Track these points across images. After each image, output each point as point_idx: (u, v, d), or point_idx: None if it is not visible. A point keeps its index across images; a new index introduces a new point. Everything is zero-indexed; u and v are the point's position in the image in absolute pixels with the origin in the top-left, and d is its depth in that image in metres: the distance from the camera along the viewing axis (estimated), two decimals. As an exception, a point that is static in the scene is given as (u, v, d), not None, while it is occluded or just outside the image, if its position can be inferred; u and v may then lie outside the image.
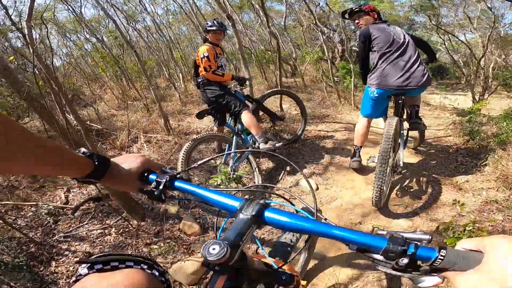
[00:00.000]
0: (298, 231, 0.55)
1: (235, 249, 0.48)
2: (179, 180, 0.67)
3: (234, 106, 2.67)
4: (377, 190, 2.01)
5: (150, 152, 3.07)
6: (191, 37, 10.74)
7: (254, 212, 0.54)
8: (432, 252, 0.42)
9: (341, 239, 0.49)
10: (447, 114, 4.70)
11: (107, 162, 0.66)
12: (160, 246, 2.03)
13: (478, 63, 4.82)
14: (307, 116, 3.56)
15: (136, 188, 0.70)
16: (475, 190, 2.33)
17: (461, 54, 8.86)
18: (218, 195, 0.62)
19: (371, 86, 2.38)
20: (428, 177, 2.61)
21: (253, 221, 0.54)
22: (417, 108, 2.48)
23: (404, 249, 0.43)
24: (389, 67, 2.27)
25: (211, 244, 0.46)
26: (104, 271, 0.54)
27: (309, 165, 3.00)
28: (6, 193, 2.38)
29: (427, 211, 2.19)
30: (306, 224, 0.53)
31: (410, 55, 2.24)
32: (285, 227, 0.54)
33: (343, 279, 1.69)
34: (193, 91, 5.73)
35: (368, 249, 0.48)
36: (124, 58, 6.86)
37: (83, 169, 0.62)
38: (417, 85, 2.20)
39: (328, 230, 0.51)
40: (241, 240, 0.50)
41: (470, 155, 2.89)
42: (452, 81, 9.03)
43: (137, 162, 0.69)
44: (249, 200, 0.58)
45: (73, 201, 2.45)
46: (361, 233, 0.48)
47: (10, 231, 1.94)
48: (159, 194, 0.65)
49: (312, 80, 6.38)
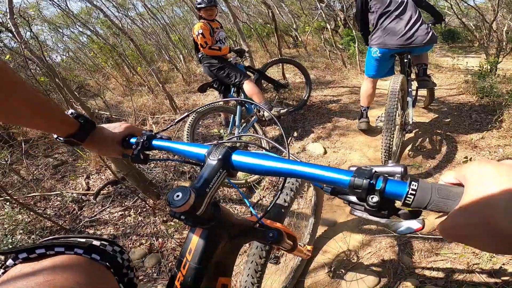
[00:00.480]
0: (266, 173, 0.51)
1: (201, 197, 0.45)
2: (156, 139, 0.67)
3: (235, 77, 2.71)
4: (385, 149, 1.99)
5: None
6: (187, 19, 10.50)
7: (221, 155, 0.51)
8: (402, 186, 0.36)
9: (308, 177, 0.45)
10: (461, 74, 4.52)
11: (92, 125, 0.66)
12: (176, 222, 2.07)
13: (490, 27, 4.60)
14: (311, 81, 3.51)
15: (118, 152, 0.70)
16: (491, 147, 2.26)
17: (471, 18, 8.46)
18: (189, 146, 0.60)
19: (373, 46, 2.34)
20: (441, 135, 2.54)
21: (220, 165, 0.51)
22: (425, 66, 2.43)
23: (371, 183, 0.37)
24: (390, 26, 2.22)
25: (175, 191, 0.43)
26: (30, 260, 0.49)
27: (315, 129, 2.97)
28: (32, 186, 2.50)
29: (441, 171, 2.14)
30: (273, 164, 0.49)
31: (411, 14, 2.19)
32: (253, 169, 0.51)
33: (354, 245, 1.66)
34: (196, 70, 5.66)
35: (340, 190, 0.44)
36: (122, 46, 6.79)
37: (67, 128, 0.62)
38: (421, 43, 2.15)
39: (294, 168, 0.46)
40: (208, 186, 0.47)
41: (484, 112, 2.79)
42: (465, 44, 8.68)
43: (121, 128, 0.70)
44: (216, 145, 0.54)
45: (94, 186, 2.55)
46: (326, 168, 0.43)
47: (42, 221, 2.04)
48: (137, 154, 0.65)
49: (315, 49, 6.21)
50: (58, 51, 8.57)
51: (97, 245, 0.55)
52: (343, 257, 1.62)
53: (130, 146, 0.69)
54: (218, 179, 0.50)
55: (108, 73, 6.13)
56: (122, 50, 6.25)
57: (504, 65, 5.09)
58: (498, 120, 2.51)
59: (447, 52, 6.84)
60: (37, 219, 2.06)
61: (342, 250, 1.65)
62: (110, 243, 0.58)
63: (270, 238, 0.61)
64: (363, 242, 1.68)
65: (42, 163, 2.95)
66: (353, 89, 3.89)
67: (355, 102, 3.41)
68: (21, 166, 2.97)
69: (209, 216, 0.51)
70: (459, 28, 9.15)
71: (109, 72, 6.14)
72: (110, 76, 6.03)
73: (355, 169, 0.40)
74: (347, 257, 1.61)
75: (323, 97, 3.72)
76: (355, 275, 1.48)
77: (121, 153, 0.70)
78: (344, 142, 2.68)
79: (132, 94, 4.27)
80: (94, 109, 3.83)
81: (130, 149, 0.68)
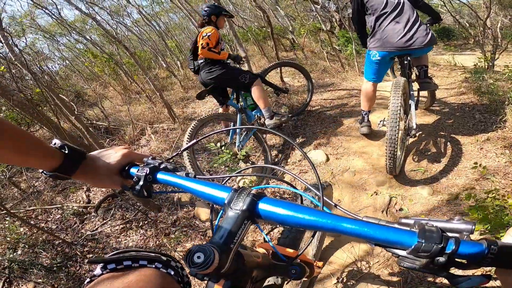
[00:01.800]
0: (300, 227, 0.44)
1: (226, 254, 0.40)
2: (161, 172, 0.59)
3: (244, 78, 2.59)
4: (390, 156, 1.94)
5: (158, 142, 3.06)
6: (182, 25, 10.52)
7: (245, 206, 0.45)
8: (479, 248, 0.33)
9: (356, 235, 0.40)
10: (459, 72, 4.51)
11: (80, 155, 0.59)
12: (178, 235, 2.04)
13: (484, 24, 4.61)
14: (313, 83, 3.49)
15: (118, 184, 0.63)
16: (497, 149, 2.22)
17: (464, 15, 8.52)
18: (203, 185, 0.53)
19: (373, 50, 2.31)
20: (446, 137, 2.51)
21: (244, 216, 0.45)
22: (426, 67, 2.40)
23: (442, 247, 0.34)
24: (388, 28, 2.19)
25: (195, 251, 0.38)
26: (117, 271, 0.52)
27: (316, 135, 2.93)
28: (33, 199, 2.49)
29: (447, 176, 2.09)
30: (309, 218, 0.42)
31: (409, 15, 2.16)
32: (284, 222, 0.45)
33: (362, 255, 1.62)
34: (194, 76, 5.64)
35: (386, 244, 0.39)
36: (120, 53, 6.77)
37: (51, 161, 0.56)
38: (421, 44, 2.12)
39: (337, 225, 0.40)
40: (233, 241, 0.42)
41: (488, 111, 2.76)
42: (460, 41, 8.72)
43: (118, 156, 0.62)
44: (238, 191, 0.48)
45: (94, 199, 2.53)
46: (381, 228, 0.38)
47: (43, 234, 2.04)
48: (140, 190, 0.57)
49: (313, 51, 6.19)
50: (54, 59, 8.55)
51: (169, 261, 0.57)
52: (351, 268, 1.58)
53: (130, 177, 0.62)
54: (243, 232, 0.44)
55: (106, 82, 6.11)
56: (119, 58, 6.24)
57: (501, 61, 5.09)
58: (502, 120, 2.48)
59: (443, 50, 6.85)
60: (38, 232, 2.04)
61: (349, 260, 1.61)
62: (173, 260, 0.58)
63: (293, 274, 0.57)
64: (370, 252, 1.64)
65: (42, 176, 2.92)
66: (353, 91, 3.86)
67: (356, 105, 3.38)
68: (20, 179, 2.94)
69: (234, 269, 0.46)
70: (454, 26, 9.20)
71: (106, 80, 6.12)
72: (108, 84, 6.01)
73: (417, 227, 0.36)
74: (355, 268, 1.57)
75: (323, 101, 3.70)
76: (364, 285, 1.44)
77: (121, 184, 0.63)
78: (347, 147, 2.65)
79: (130, 102, 4.24)
80: (92, 119, 3.80)
81: (131, 179, 0.62)
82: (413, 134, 2.17)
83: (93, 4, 6.27)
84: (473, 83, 3.49)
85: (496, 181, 1.90)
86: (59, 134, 2.44)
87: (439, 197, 1.93)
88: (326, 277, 1.56)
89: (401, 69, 2.36)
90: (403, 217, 0.40)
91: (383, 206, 1.96)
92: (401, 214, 1.89)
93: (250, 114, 2.81)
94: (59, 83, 6.20)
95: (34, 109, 2.31)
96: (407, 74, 2.33)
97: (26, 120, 3.67)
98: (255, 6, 4.42)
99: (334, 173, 2.37)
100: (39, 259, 1.90)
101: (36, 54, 6.63)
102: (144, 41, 7.83)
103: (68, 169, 0.58)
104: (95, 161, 0.61)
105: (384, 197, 2.02)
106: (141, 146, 3.16)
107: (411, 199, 1.95)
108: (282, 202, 0.46)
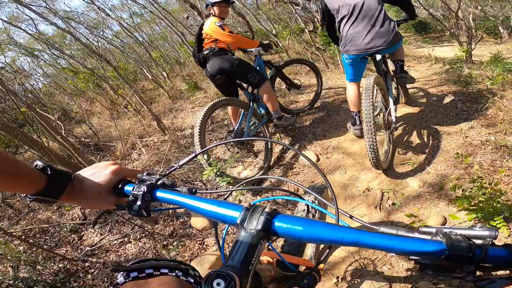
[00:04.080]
0: (319, 243, 0.44)
1: (245, 277, 0.39)
2: (160, 190, 0.56)
3: (253, 78, 2.57)
4: (370, 150, 1.98)
5: (150, 156, 3.04)
6: (165, 35, 10.51)
7: (260, 225, 0.44)
8: (505, 253, 0.35)
9: (379, 248, 0.39)
10: (439, 64, 4.65)
11: (66, 176, 0.56)
12: (176, 246, 2.04)
13: (456, 15, 4.78)
14: (322, 82, 3.59)
15: (111, 204, 0.59)
16: (482, 136, 2.29)
17: (438, 8, 8.78)
18: (210, 204, 0.50)
19: (343, 53, 2.38)
20: (431, 129, 2.58)
21: (260, 236, 0.44)
22: (401, 62, 2.45)
23: (470, 255, 0.35)
24: (350, 33, 2.23)
25: (213, 277, 0.36)
26: (139, 279, 0.53)
27: (306, 136, 2.96)
28: (29, 219, 2.49)
29: (435, 167, 2.15)
30: (329, 234, 0.42)
31: (370, 17, 2.16)
32: (302, 238, 0.44)
33: (360, 253, 1.63)
34: (181, 86, 5.62)
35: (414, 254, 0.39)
36: (103, 67, 6.70)
37: (33, 184, 0.52)
38: (383, 45, 2.15)
39: (359, 240, 0.40)
40: (251, 263, 0.41)
41: (469, 100, 2.85)
42: (437, 34, 8.98)
43: (107, 173, 0.59)
44: (250, 209, 0.46)
45: (90, 215, 2.51)
46: (404, 239, 0.38)
47: (43, 252, 2.04)
48: (138, 210, 0.53)
49: (297, 52, 6.27)
50: (35, 77, 8.38)
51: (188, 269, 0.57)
52: (350, 266, 1.60)
53: (124, 195, 0.58)
54: (260, 251, 0.43)
55: (91, 97, 6.03)
56: (102, 72, 6.17)
57: (479, 51, 5.26)
58: (484, 108, 2.57)
59: (422, 43, 7.05)
60: (38, 250, 2.06)
61: (348, 259, 1.63)
62: (191, 268, 0.58)
63: (305, 285, 0.57)
64: (369, 249, 1.67)
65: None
66: (338, 90, 3.93)
67: (342, 103, 3.44)
68: (14, 200, 2.90)
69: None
70: (429, 19, 9.49)
71: (92, 96, 6.04)
72: (93, 100, 5.93)
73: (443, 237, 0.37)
74: (355, 266, 1.60)
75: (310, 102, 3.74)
76: (364, 283, 1.46)
77: (115, 203, 0.60)
78: (336, 146, 2.69)
79: (118, 117, 4.20)
80: (80, 137, 3.75)
81: (125, 197, 0.59)
82: (394, 127, 2.23)
83: (69, 19, 6.19)
84: (453, 74, 3.60)
85: (478, 170, 1.94)
86: (46, 155, 2.41)
87: (430, 189, 1.98)
88: (326, 277, 1.58)
89: (375, 67, 2.42)
90: (422, 225, 0.40)
91: (375, 202, 2.01)
92: (394, 209, 1.93)
93: (261, 105, 2.79)
94: (43, 101, 6.08)
95: (19, 131, 2.28)
96: (382, 70, 2.39)
97: (15, 142, 3.60)
98: (235, 13, 4.46)
99: (325, 173, 2.41)
100: (43, 276, 1.90)
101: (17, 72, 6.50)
102: (127, 54, 7.77)
103: (53, 192, 0.54)
104: (83, 181, 0.58)
105: (376, 193, 2.06)
106: (133, 161, 3.14)
107: (403, 193, 2.00)
108: (298, 218, 0.45)
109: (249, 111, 2.60)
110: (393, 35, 2.15)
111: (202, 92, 4.96)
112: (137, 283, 0.52)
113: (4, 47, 6.40)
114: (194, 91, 5.04)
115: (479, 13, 7.53)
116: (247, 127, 2.57)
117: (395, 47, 2.26)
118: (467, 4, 6.97)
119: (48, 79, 8.31)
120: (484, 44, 6.05)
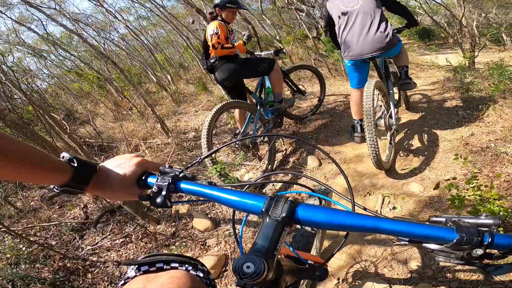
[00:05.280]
0: (340, 229, 0.46)
1: (271, 261, 0.41)
2: (184, 181, 0.58)
3: (263, 67, 2.61)
4: (372, 150, 2.04)
5: (153, 158, 3.08)
6: (170, 39, 10.62)
7: (285, 213, 0.47)
8: (510, 240, 0.38)
9: (395, 234, 0.42)
10: (442, 71, 4.67)
11: (91, 168, 0.57)
12: (178, 246, 2.06)
13: (460, 22, 4.82)
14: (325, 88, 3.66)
15: (135, 195, 0.60)
16: (482, 143, 2.31)
17: (441, 15, 8.83)
18: (234, 195, 0.53)
19: (344, 58, 2.43)
20: (432, 135, 2.60)
21: (284, 223, 0.46)
22: (406, 68, 2.46)
23: (479, 239, 0.38)
24: (347, 38, 2.28)
25: (243, 260, 0.38)
26: (150, 273, 0.54)
27: (308, 141, 2.96)
28: (31, 217, 2.51)
29: (436, 172, 2.17)
30: (349, 220, 0.45)
31: (366, 21, 2.18)
32: (322, 225, 0.47)
33: (361, 255, 1.64)
34: (185, 90, 5.68)
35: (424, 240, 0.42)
36: (109, 69, 6.79)
37: (60, 176, 0.53)
38: (376, 51, 2.17)
39: (378, 225, 0.43)
40: (275, 249, 0.43)
41: (470, 108, 2.87)
42: (440, 41, 9.01)
43: (132, 165, 0.60)
44: (274, 198, 0.49)
45: (92, 215, 2.53)
46: (420, 225, 0.41)
47: (44, 250, 2.04)
48: (163, 200, 0.55)
49: (301, 58, 6.32)
50: (41, 77, 8.47)
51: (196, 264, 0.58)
52: (350, 268, 1.61)
53: (147, 186, 0.59)
54: (283, 238, 0.45)
55: (96, 99, 6.09)
56: (108, 74, 6.25)
57: (482, 58, 5.28)
58: (485, 116, 2.59)
59: (425, 50, 7.08)
60: (39, 248, 2.06)
61: (348, 261, 1.64)
62: (200, 263, 0.59)
63: (317, 276, 0.59)
64: (369, 251, 1.67)
65: (37, 194, 2.92)
66: (340, 96, 3.96)
67: (345, 109, 3.47)
68: (16, 199, 2.93)
69: (275, 277, 0.46)
70: (433, 26, 9.53)
71: (96, 97, 6.10)
72: (98, 101, 6.00)
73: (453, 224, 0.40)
74: (356, 268, 1.61)
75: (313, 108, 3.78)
76: (365, 284, 1.47)
77: (138, 195, 0.60)
78: (338, 151, 2.71)
79: (122, 119, 4.25)
80: (85, 137, 3.79)
81: (147, 189, 0.60)
82: (396, 129, 2.25)
83: (78, 21, 6.29)
84: (455, 81, 3.63)
85: (476, 171, 1.96)
86: (54, 153, 2.45)
87: (430, 193, 1.99)
88: (327, 278, 1.58)
89: (376, 71, 2.46)
90: (433, 215, 0.44)
91: (376, 206, 2.02)
92: (395, 212, 1.94)
93: (268, 111, 2.82)
94: (49, 101, 6.16)
95: (27, 129, 2.31)
96: (383, 74, 2.42)
97: (21, 139, 3.65)
98: (242, 19, 4.52)
99: (327, 177, 2.43)
100: (42, 274, 1.91)
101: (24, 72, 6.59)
102: (133, 56, 7.87)
103: (79, 183, 0.55)
104: (108, 173, 0.59)
105: (377, 197, 2.08)
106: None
107: (403, 197, 2.01)
108: (319, 207, 0.48)
109: (255, 115, 2.64)
110: (387, 40, 2.16)
111: (206, 95, 5.01)
112: (147, 277, 0.52)
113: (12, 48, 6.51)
114: (203, 91, 5.20)
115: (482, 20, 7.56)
116: (254, 130, 2.60)
117: (392, 51, 2.28)
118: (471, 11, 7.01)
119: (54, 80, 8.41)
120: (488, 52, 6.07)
